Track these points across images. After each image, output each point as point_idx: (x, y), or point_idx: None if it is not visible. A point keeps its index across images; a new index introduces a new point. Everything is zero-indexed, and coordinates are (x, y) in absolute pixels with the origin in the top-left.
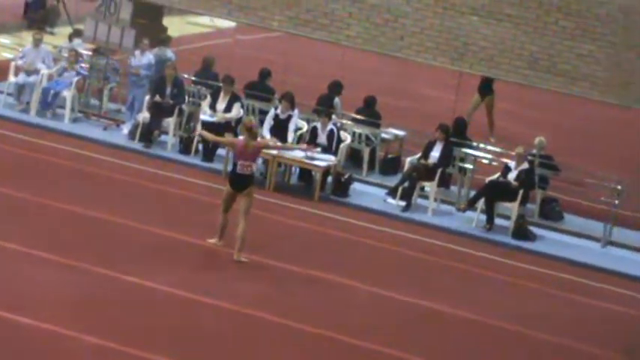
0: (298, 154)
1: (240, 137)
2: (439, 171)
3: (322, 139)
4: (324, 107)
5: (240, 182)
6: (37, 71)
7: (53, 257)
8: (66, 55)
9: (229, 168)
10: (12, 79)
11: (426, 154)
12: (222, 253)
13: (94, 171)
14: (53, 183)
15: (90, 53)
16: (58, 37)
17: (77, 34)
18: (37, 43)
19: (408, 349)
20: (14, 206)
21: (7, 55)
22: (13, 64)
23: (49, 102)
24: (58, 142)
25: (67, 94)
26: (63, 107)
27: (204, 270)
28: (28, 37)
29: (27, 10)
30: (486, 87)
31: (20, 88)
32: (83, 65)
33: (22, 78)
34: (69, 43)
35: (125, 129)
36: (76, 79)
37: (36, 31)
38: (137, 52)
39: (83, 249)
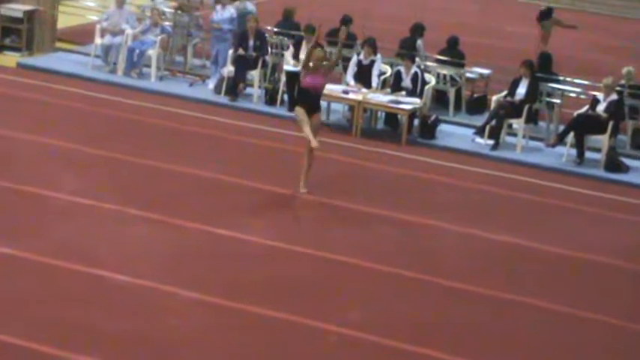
0: (383, 98)
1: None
2: (526, 107)
3: (407, 82)
4: (407, 50)
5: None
6: (121, 32)
7: (146, 214)
8: (149, 14)
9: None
10: (98, 41)
11: (512, 92)
12: (312, 201)
13: (182, 127)
14: (143, 141)
15: (172, 11)
16: None
17: None
18: (120, 4)
19: (503, 287)
20: (106, 167)
21: (93, 17)
22: (98, 26)
23: (135, 61)
24: (145, 101)
25: (152, 52)
26: (149, 66)
27: (294, 219)
28: None
29: None
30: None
31: (107, 50)
32: (166, 23)
33: (107, 39)
34: (151, 2)
35: (211, 84)
36: (160, 37)
37: None
38: (219, 7)
39: (175, 205)
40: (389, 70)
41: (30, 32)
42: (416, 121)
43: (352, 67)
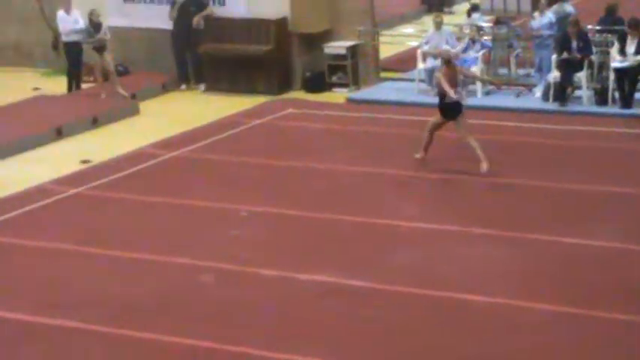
0: None
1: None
2: None
3: None
4: None
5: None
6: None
7: (487, 231)
8: (467, 31)
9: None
10: (421, 65)
11: None
12: None
13: (512, 139)
14: (461, 157)
15: (490, 25)
16: (457, 15)
17: (475, 8)
18: (438, 25)
19: None
20: (444, 189)
21: (413, 43)
22: (419, 51)
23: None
24: (473, 117)
25: (475, 69)
26: (473, 83)
27: None
28: (428, 21)
29: None
30: None
31: (430, 73)
32: (486, 38)
33: (430, 63)
34: (468, 19)
35: (537, 92)
36: (481, 52)
37: (435, 14)
38: (536, 14)
39: (513, 218)
40: None
41: (355, 67)
42: None
43: None
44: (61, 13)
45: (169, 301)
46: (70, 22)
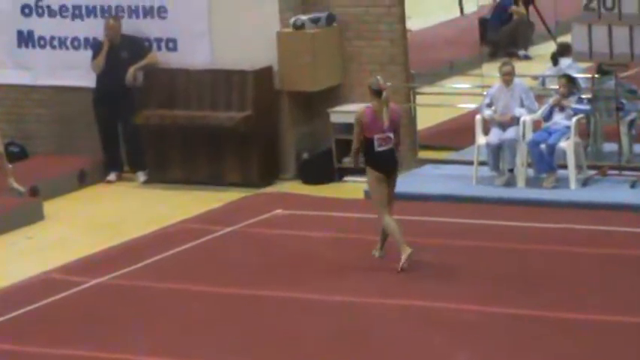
0: None
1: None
2: None
3: None
4: None
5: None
6: (514, 120)
7: None
8: (553, 86)
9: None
10: (480, 140)
11: None
12: None
13: (623, 252)
14: (563, 287)
15: (588, 76)
16: (537, 62)
17: (563, 51)
18: (506, 78)
19: None
20: (506, 329)
21: (467, 105)
22: (477, 117)
23: (542, 162)
24: (561, 220)
25: (566, 144)
26: (564, 167)
27: None
28: (491, 70)
29: (484, 31)
30: None
31: (495, 151)
32: (582, 97)
33: (494, 135)
34: (554, 67)
35: None
36: (574, 119)
37: (503, 61)
38: None
39: None
40: None
41: None
42: None
43: None
44: None
45: None
46: None
